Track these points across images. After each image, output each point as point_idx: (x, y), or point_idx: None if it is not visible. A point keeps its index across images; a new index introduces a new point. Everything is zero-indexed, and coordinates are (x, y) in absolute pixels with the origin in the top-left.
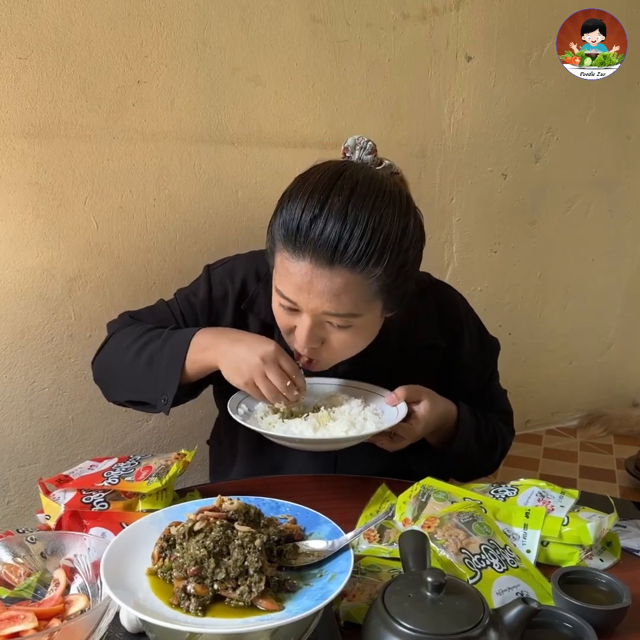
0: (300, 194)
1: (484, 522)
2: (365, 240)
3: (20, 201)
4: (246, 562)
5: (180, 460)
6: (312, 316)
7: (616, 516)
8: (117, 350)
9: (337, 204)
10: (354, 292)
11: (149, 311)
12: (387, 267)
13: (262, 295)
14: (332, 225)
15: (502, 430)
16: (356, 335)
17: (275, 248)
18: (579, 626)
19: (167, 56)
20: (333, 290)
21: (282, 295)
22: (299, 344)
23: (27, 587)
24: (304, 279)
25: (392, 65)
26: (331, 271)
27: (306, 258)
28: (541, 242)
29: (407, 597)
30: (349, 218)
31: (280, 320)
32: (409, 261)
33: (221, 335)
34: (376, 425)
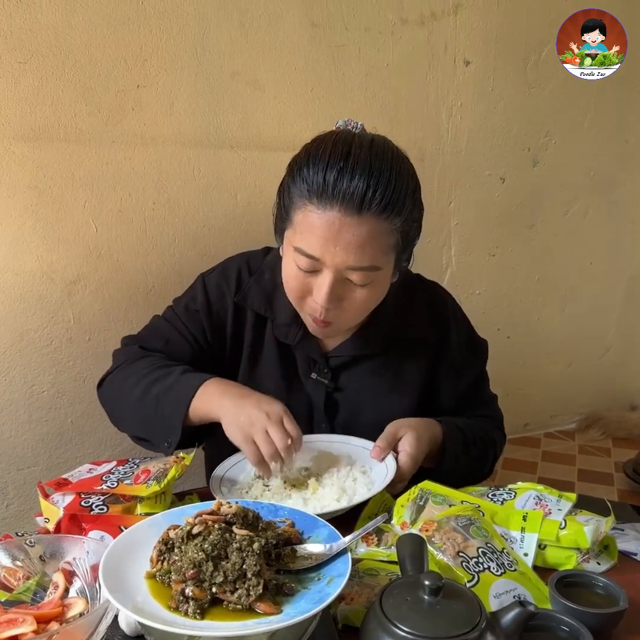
0: (320, 152)
1: (481, 526)
2: (391, 189)
3: (19, 205)
4: (244, 565)
5: (178, 463)
6: (334, 272)
7: (613, 519)
8: (124, 386)
9: (360, 155)
10: (377, 242)
11: (152, 333)
12: (406, 217)
13: (254, 289)
14: (360, 174)
15: (493, 438)
16: (371, 293)
17: (294, 206)
18: (576, 629)
19: (166, 60)
20: (359, 241)
21: (304, 253)
22: (320, 303)
23: (26, 590)
24: (332, 229)
25: (391, 69)
26: (359, 219)
27: (334, 208)
28: (540, 245)
29: (405, 601)
30: (374, 167)
31: (295, 285)
32: (418, 218)
33: (230, 388)
34: (367, 487)
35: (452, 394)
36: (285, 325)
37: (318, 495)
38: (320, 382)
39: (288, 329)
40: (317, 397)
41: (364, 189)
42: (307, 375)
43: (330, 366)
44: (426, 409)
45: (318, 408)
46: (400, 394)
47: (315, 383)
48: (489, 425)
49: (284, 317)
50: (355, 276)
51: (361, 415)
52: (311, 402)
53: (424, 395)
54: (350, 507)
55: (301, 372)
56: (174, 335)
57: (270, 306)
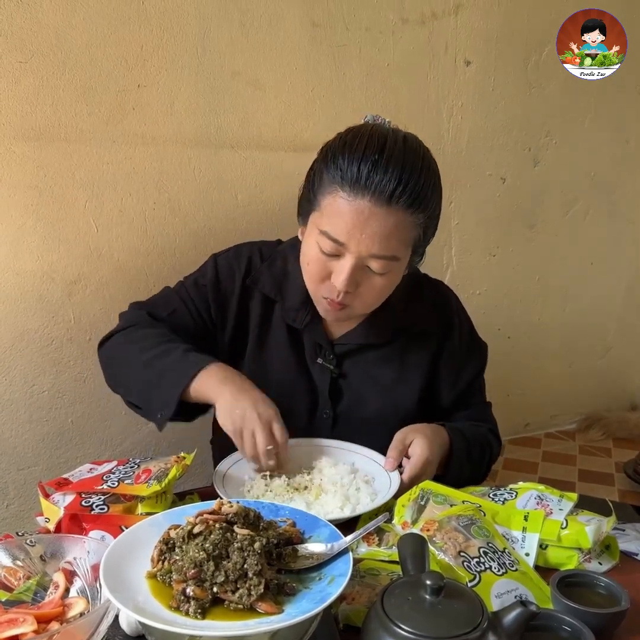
0: (356, 142)
1: (482, 526)
2: (420, 185)
3: (20, 204)
4: (245, 565)
5: (179, 463)
6: (356, 259)
7: (615, 519)
8: (129, 351)
9: (395, 150)
10: (401, 234)
11: (160, 302)
12: (430, 214)
13: (266, 274)
14: (393, 168)
15: (489, 442)
16: (387, 282)
17: (324, 191)
18: (578, 629)
19: (167, 60)
20: (385, 231)
21: (329, 237)
22: (339, 287)
23: (26, 590)
24: (361, 217)
25: (391, 69)
26: (388, 211)
27: (365, 197)
28: (540, 245)
29: (406, 600)
30: (407, 163)
31: (316, 268)
32: (438, 216)
33: (231, 378)
34: (370, 497)
35: (451, 391)
36: (294, 309)
37: (321, 501)
38: (326, 368)
39: (296, 313)
40: (322, 382)
41: (395, 183)
42: (313, 360)
43: (336, 353)
44: (425, 404)
45: (322, 393)
46: (404, 385)
47: (321, 368)
48: (485, 430)
49: (293, 301)
50: (375, 264)
51: (364, 403)
52: (316, 388)
53: (425, 390)
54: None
55: (308, 357)
56: (180, 306)
57: (280, 291)
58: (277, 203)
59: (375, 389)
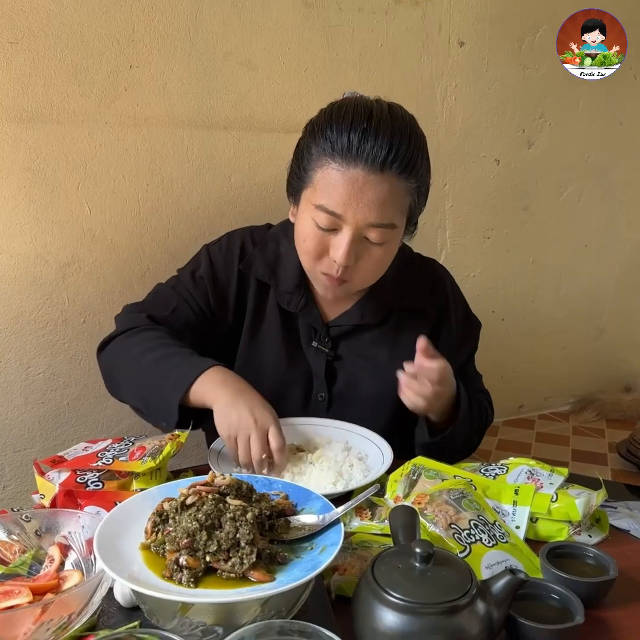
0: (342, 114)
1: (473, 499)
2: (410, 149)
3: (13, 186)
4: (238, 534)
5: (174, 440)
6: (354, 230)
7: (604, 493)
8: (129, 355)
9: (382, 117)
10: (397, 201)
11: (158, 302)
12: (421, 179)
13: (258, 257)
14: (382, 134)
15: (487, 409)
16: (385, 252)
17: (315, 166)
18: (567, 598)
19: (159, 41)
20: (381, 198)
21: (325, 210)
22: (339, 261)
23: (21, 563)
24: (355, 186)
25: (385, 50)
26: (382, 177)
27: (358, 166)
28: (534, 228)
29: (396, 568)
30: (395, 129)
31: (313, 244)
32: (428, 183)
33: (230, 380)
34: (363, 474)
35: None
36: (288, 292)
37: (314, 477)
38: (321, 351)
39: (291, 296)
40: (318, 365)
41: (387, 149)
42: (308, 344)
43: (331, 335)
44: None
45: (318, 376)
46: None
47: (316, 351)
48: (481, 397)
49: (287, 284)
50: (373, 234)
51: (359, 385)
52: (311, 371)
53: None
54: (346, 492)
55: (303, 341)
56: (180, 303)
57: (273, 274)
58: (271, 184)
59: (370, 370)
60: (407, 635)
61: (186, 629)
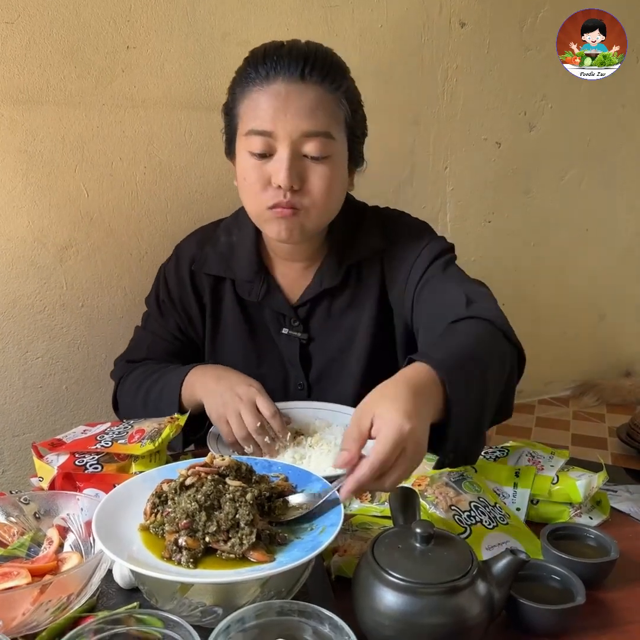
0: (256, 49)
1: (474, 481)
2: (329, 61)
3: (9, 169)
4: (237, 515)
5: (173, 423)
6: (289, 144)
7: (605, 475)
8: (128, 402)
9: (296, 41)
10: (327, 108)
11: (134, 346)
12: (348, 93)
13: (211, 255)
14: (297, 50)
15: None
16: (331, 171)
17: (239, 100)
18: (568, 579)
19: (156, 21)
20: (308, 104)
21: (255, 132)
22: (282, 182)
23: (20, 545)
24: (279, 98)
25: (385, 30)
26: (304, 85)
27: (278, 79)
28: (535, 211)
29: (397, 548)
30: (311, 47)
31: (254, 176)
32: (359, 103)
33: (208, 372)
34: None
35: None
36: (248, 281)
37: (314, 460)
38: (293, 337)
39: (251, 285)
40: (291, 353)
41: (303, 59)
42: (278, 332)
43: (300, 317)
44: (408, 339)
45: (292, 364)
46: (365, 327)
47: (288, 338)
48: (482, 329)
49: (246, 273)
50: (311, 146)
51: (336, 362)
52: (284, 360)
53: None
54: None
55: (272, 330)
56: (153, 339)
57: (229, 267)
58: None
59: (344, 341)
60: (407, 615)
61: (185, 610)
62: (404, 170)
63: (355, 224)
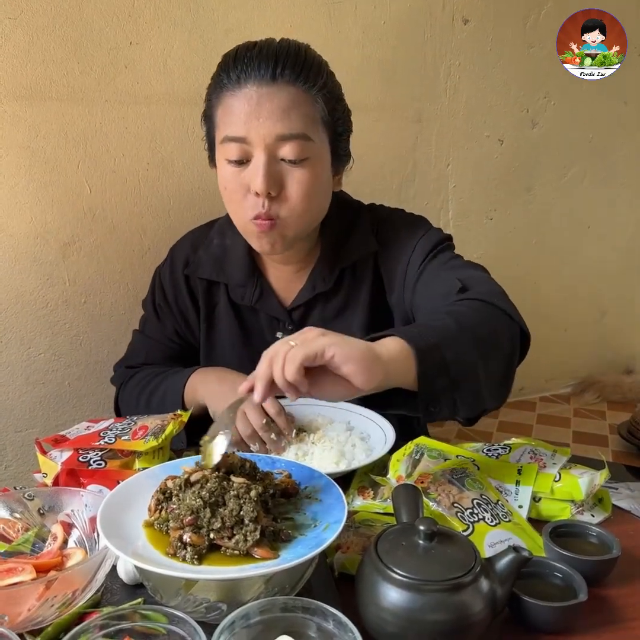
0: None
1: (476, 478)
2: (301, 58)
3: (12, 165)
4: (242, 512)
5: (176, 420)
6: (265, 149)
7: (607, 472)
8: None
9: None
10: (301, 109)
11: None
12: (325, 89)
13: (204, 259)
14: (267, 50)
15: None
16: (310, 174)
17: (214, 108)
18: (570, 576)
19: (159, 17)
20: (281, 106)
21: (230, 138)
22: (259, 188)
23: (25, 541)
24: (251, 102)
25: (388, 27)
26: (276, 87)
27: (249, 82)
28: (537, 208)
29: (400, 545)
30: (283, 46)
31: (233, 185)
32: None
33: (209, 375)
34: (365, 453)
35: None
36: (240, 286)
37: (316, 457)
38: None
39: (244, 289)
40: None
41: (274, 60)
42: (272, 336)
43: (294, 321)
44: None
45: None
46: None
47: None
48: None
49: (238, 277)
50: (287, 149)
51: None
52: None
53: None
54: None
55: (267, 334)
56: (151, 344)
57: (222, 270)
58: None
59: None
60: (410, 611)
61: (190, 606)
62: (406, 167)
63: (350, 224)
